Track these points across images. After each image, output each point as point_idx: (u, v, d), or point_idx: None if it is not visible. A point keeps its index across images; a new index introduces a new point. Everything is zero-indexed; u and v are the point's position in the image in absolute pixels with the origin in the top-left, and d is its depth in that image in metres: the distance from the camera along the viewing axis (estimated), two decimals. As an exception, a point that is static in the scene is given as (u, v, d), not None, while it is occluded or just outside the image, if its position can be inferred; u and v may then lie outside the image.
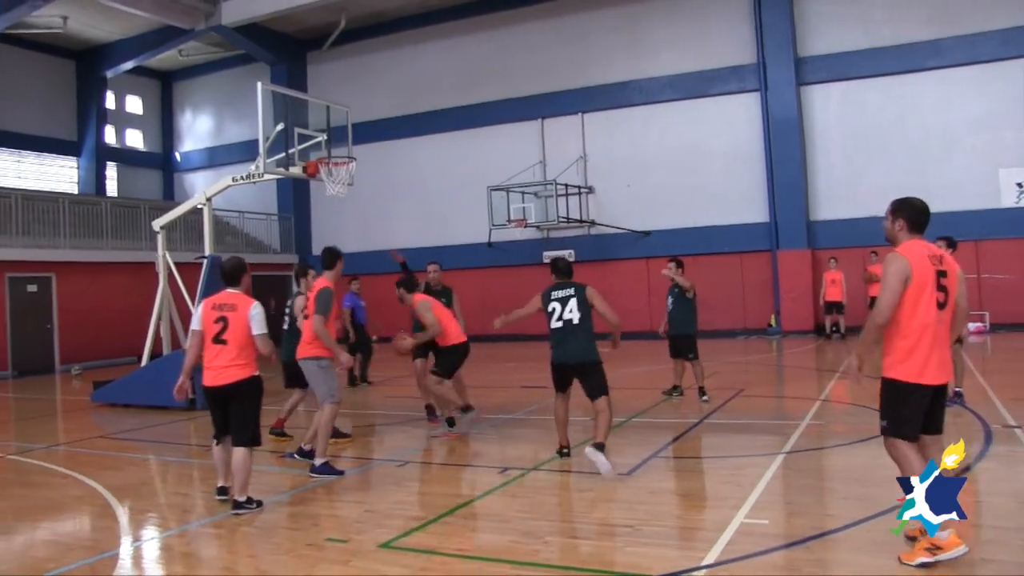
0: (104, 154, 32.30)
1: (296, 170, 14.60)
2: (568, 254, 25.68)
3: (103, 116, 32.18)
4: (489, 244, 26.71)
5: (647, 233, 25.20)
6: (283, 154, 14.59)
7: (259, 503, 7.13)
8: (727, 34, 24.67)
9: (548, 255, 26.08)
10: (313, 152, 15.88)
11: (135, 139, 34.88)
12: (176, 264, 15.43)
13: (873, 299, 19.70)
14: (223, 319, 7.04)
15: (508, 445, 9.83)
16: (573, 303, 8.29)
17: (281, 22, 29.09)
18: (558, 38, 26.90)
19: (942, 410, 5.40)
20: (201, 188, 19.60)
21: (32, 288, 22.72)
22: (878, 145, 22.81)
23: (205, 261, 14.78)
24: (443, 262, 25.49)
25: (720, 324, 24.21)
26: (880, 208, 5.68)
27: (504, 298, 26.98)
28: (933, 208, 5.60)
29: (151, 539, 6.64)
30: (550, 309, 8.38)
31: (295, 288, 10.93)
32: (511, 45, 27.64)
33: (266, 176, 14.34)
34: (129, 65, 31.73)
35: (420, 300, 10.22)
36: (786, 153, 23.55)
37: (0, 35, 27.17)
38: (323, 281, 8.57)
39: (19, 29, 27.76)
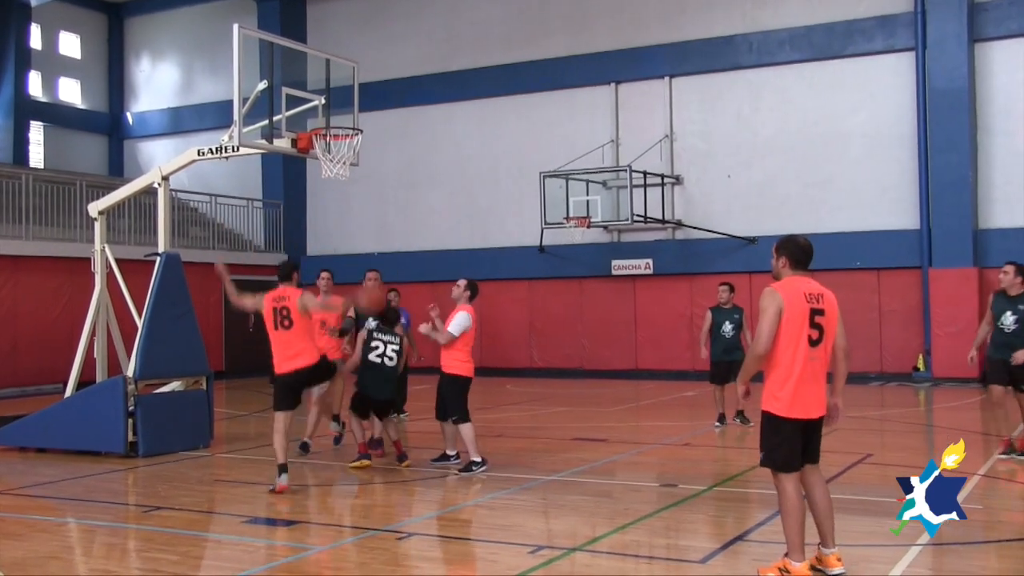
0: (27, 110, 32.80)
1: (283, 143, 14.60)
2: (645, 264, 25.56)
3: (26, 58, 32.58)
4: (541, 248, 26.70)
5: (753, 240, 25.01)
6: (267, 121, 14.63)
7: None
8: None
9: (617, 264, 25.93)
10: (310, 120, 15.94)
11: (71, 92, 35.50)
12: (120, 261, 15.40)
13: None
14: None
15: (549, 517, 9.81)
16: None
17: (274, -56, 29.43)
18: (643, -24, 26.89)
19: (818, 441, 7.02)
20: (160, 162, 19.77)
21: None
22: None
23: (158, 260, 14.82)
24: (481, 269, 25.94)
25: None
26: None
27: (558, 319, 26.99)
28: None
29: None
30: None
31: None
32: (580, -17, 27.71)
33: (242, 150, 14.40)
34: (65, -9, 32.26)
35: None
36: (950, 136, 23.11)
37: None
38: None
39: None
